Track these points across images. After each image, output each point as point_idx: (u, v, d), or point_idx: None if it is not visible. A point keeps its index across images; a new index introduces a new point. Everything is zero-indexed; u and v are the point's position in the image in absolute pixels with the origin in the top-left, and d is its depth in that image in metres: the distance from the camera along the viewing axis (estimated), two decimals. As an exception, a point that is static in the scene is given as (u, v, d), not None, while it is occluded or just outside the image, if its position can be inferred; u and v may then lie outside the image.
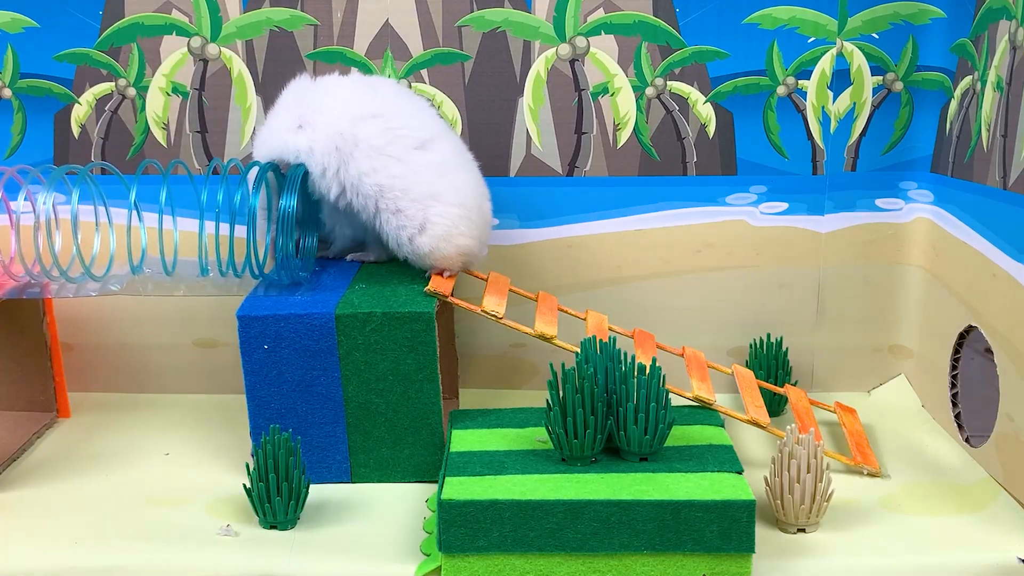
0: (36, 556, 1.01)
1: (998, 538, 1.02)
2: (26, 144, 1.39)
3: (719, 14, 1.31)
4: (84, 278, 1.20)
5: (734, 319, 1.41)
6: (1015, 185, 1.10)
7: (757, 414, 1.19)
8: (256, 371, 1.13)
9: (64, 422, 1.36)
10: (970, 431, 1.24)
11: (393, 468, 1.16)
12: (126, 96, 1.37)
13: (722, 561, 0.96)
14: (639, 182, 1.36)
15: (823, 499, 1.03)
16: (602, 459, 1.04)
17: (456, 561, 0.97)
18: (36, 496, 1.14)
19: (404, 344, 1.12)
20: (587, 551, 0.96)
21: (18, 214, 1.17)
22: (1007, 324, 1.11)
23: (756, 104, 1.34)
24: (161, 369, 1.44)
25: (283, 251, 1.17)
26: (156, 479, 1.19)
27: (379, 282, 1.21)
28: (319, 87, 1.23)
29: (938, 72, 1.32)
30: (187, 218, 1.24)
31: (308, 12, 1.34)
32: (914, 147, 1.36)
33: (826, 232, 1.38)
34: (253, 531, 1.05)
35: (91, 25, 1.35)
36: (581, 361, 1.02)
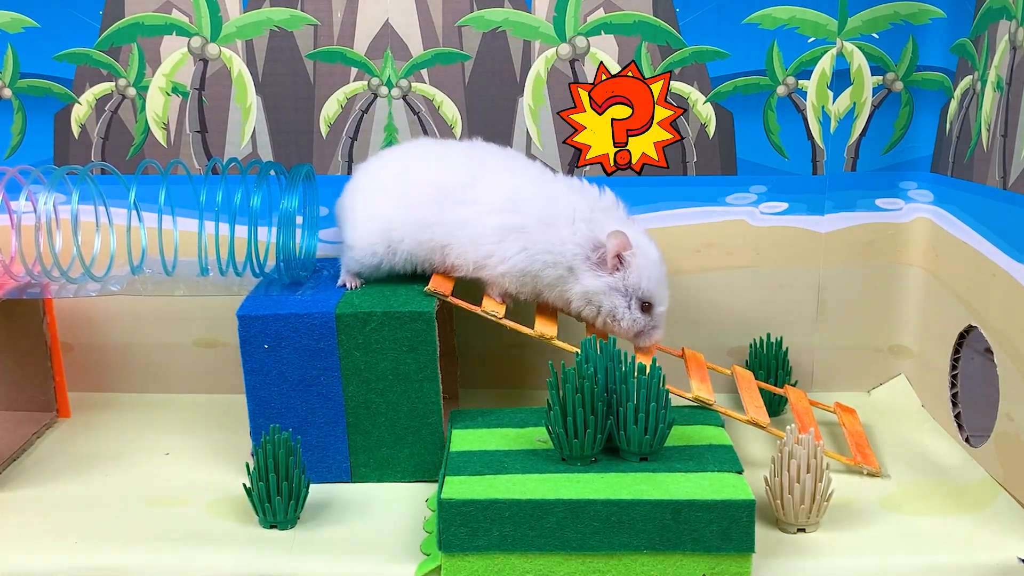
0: (36, 556, 1.01)
1: (998, 538, 1.02)
2: (26, 144, 1.39)
3: (719, 14, 1.31)
4: (84, 278, 1.20)
5: (734, 319, 1.41)
6: (1015, 185, 1.10)
7: (757, 414, 1.19)
8: (256, 371, 1.13)
9: (64, 422, 1.36)
10: (970, 431, 1.24)
11: (393, 468, 1.16)
12: (126, 96, 1.37)
13: (722, 561, 0.96)
14: (639, 182, 1.36)
15: (823, 499, 1.03)
16: (602, 459, 1.04)
17: (456, 560, 0.97)
18: (36, 496, 1.14)
19: (404, 344, 1.12)
20: (587, 551, 0.96)
21: (19, 214, 1.17)
22: (1007, 324, 1.11)
23: (756, 104, 1.34)
24: (161, 369, 1.44)
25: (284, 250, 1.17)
26: (156, 479, 1.19)
27: (379, 282, 1.21)
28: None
29: (938, 72, 1.32)
30: (187, 218, 1.24)
31: (308, 12, 1.34)
32: (914, 147, 1.36)
33: (826, 232, 1.38)
34: (253, 531, 1.05)
35: (91, 25, 1.35)
36: (581, 361, 1.02)
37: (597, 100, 1.15)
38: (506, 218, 1.15)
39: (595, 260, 1.15)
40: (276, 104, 1.36)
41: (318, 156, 1.37)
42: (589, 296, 1.15)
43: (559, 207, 1.15)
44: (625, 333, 1.18)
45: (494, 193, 1.16)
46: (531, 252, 1.15)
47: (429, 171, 1.19)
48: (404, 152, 1.26)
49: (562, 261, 1.15)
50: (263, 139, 1.37)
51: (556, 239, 1.14)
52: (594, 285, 1.15)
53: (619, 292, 1.15)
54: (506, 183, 1.17)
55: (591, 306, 1.16)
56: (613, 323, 1.17)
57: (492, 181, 1.17)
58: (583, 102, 1.14)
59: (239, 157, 1.37)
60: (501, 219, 1.15)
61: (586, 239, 1.14)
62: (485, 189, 1.17)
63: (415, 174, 1.20)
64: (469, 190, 1.17)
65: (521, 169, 1.20)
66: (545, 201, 1.16)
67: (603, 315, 1.16)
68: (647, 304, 1.16)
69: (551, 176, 1.21)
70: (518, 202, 1.15)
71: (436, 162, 1.21)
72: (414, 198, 1.18)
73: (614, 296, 1.15)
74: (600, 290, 1.15)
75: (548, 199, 1.16)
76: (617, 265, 1.14)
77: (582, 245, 1.14)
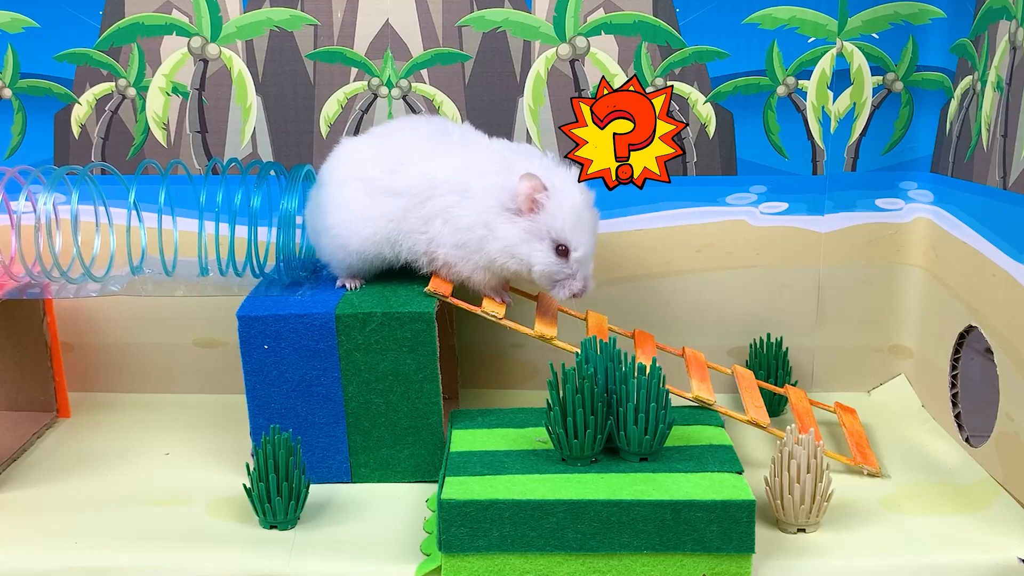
0: (36, 556, 1.01)
1: (998, 538, 1.02)
2: (26, 144, 1.39)
3: (719, 14, 1.31)
4: (84, 278, 1.20)
5: (734, 319, 1.41)
6: (1015, 185, 1.10)
7: (757, 414, 1.19)
8: (256, 371, 1.13)
9: (64, 422, 1.36)
10: (970, 431, 1.24)
11: (393, 468, 1.16)
12: (126, 96, 1.37)
13: (722, 561, 0.96)
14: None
15: (823, 499, 1.03)
16: (602, 459, 1.04)
17: (456, 561, 0.97)
18: (36, 496, 1.14)
19: (404, 344, 1.12)
20: (587, 551, 0.96)
21: (19, 214, 1.17)
22: (1007, 324, 1.11)
23: (756, 104, 1.34)
24: (161, 369, 1.44)
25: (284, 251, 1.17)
26: (156, 479, 1.19)
27: (379, 282, 1.21)
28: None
29: (938, 72, 1.32)
30: (187, 218, 1.24)
31: (308, 12, 1.34)
32: (914, 147, 1.36)
33: (826, 232, 1.38)
34: (253, 531, 1.05)
35: (91, 25, 1.35)
36: (581, 361, 1.02)
37: (599, 114, 1.15)
38: (432, 204, 1.13)
39: (511, 211, 1.10)
40: (276, 104, 1.36)
41: (318, 156, 1.37)
42: (509, 248, 1.10)
43: (471, 172, 1.12)
44: (541, 281, 1.12)
45: (413, 179, 1.13)
46: (452, 224, 1.12)
47: (355, 165, 1.17)
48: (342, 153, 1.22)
49: (479, 220, 1.10)
50: (263, 139, 1.37)
51: (470, 202, 1.11)
52: (510, 233, 1.09)
53: (534, 236, 1.10)
54: (425, 165, 1.14)
55: (514, 259, 1.11)
56: (526, 268, 1.11)
57: (413, 165, 1.14)
58: (585, 116, 1.14)
59: (239, 157, 1.37)
60: (427, 207, 1.13)
61: (498, 189, 1.10)
62: (405, 176, 1.14)
63: (344, 173, 1.17)
64: (394, 178, 1.14)
65: (439, 144, 1.16)
66: (459, 170, 1.12)
67: (522, 262, 1.11)
68: (562, 247, 1.10)
69: (469, 139, 1.18)
70: (436, 183, 1.12)
71: (361, 154, 1.18)
72: (347, 196, 1.16)
73: (532, 242, 1.10)
74: (517, 237, 1.10)
75: (461, 167, 1.13)
76: (533, 208, 1.10)
77: (495, 197, 1.10)
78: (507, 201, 1.10)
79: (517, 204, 1.10)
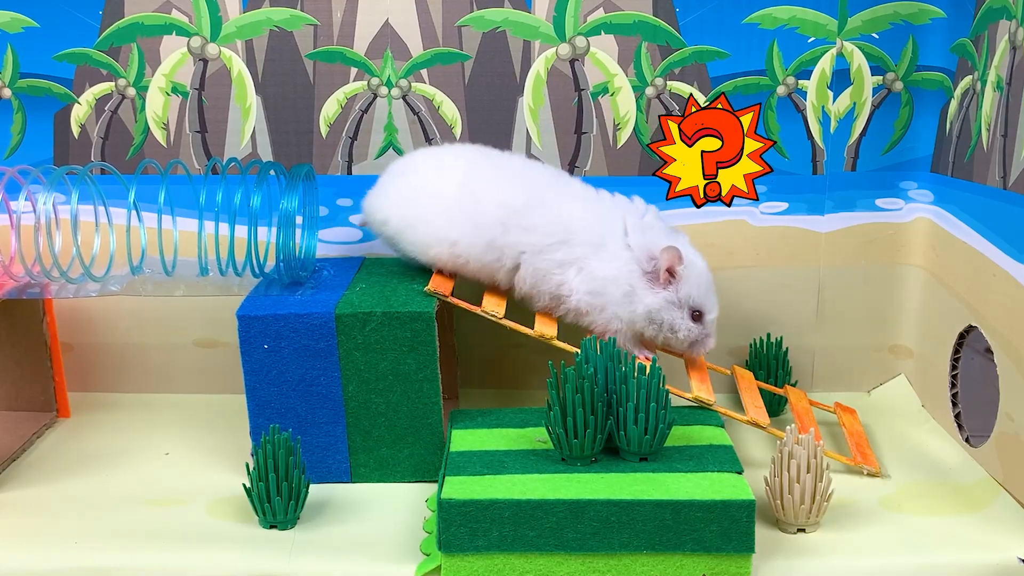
0: (36, 556, 1.01)
1: (998, 538, 1.02)
2: (26, 144, 1.39)
3: (719, 14, 1.31)
4: (84, 278, 1.20)
5: (734, 319, 1.40)
6: (1015, 185, 1.10)
7: (757, 415, 1.19)
8: (256, 371, 1.13)
9: (64, 422, 1.36)
10: (970, 431, 1.24)
11: (393, 468, 1.16)
12: (126, 96, 1.37)
13: (722, 561, 0.96)
14: (639, 182, 1.36)
15: (823, 499, 1.03)
16: (602, 459, 1.04)
17: (456, 561, 0.97)
18: (36, 496, 1.14)
19: (404, 344, 1.12)
20: (587, 551, 0.96)
21: (18, 214, 1.17)
22: (1007, 324, 1.11)
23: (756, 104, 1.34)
24: (161, 369, 1.44)
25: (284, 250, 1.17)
26: (156, 479, 1.19)
27: (379, 282, 1.21)
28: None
29: (938, 72, 1.32)
30: (187, 218, 1.24)
31: (308, 12, 1.34)
32: (914, 147, 1.36)
33: (826, 232, 1.38)
34: (253, 531, 1.05)
35: (91, 25, 1.35)
36: (581, 361, 1.02)
37: (687, 132, 1.16)
38: (568, 249, 1.17)
39: (649, 274, 1.16)
40: (276, 104, 1.36)
41: (318, 156, 1.37)
42: (651, 315, 1.17)
43: (607, 227, 1.18)
44: (681, 344, 1.20)
45: (551, 219, 1.18)
46: (588, 271, 1.17)
47: (492, 189, 1.20)
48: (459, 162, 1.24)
49: (621, 277, 1.17)
50: (263, 139, 1.37)
51: (610, 255, 1.17)
52: (655, 302, 1.16)
53: (674, 305, 1.17)
54: (561, 207, 1.19)
55: (653, 324, 1.18)
56: (672, 336, 1.18)
57: (550, 205, 1.19)
58: (672, 134, 1.15)
59: (239, 157, 1.37)
60: (563, 252, 1.18)
61: (641, 251, 1.16)
62: (542, 214, 1.18)
63: (479, 191, 1.20)
64: (530, 215, 1.18)
65: (567, 189, 1.22)
66: (596, 222, 1.18)
67: (664, 330, 1.18)
68: (698, 313, 1.18)
69: (594, 192, 1.23)
70: (574, 230, 1.18)
71: (497, 179, 1.21)
72: (480, 219, 1.19)
73: (672, 310, 1.17)
74: (660, 306, 1.17)
75: (597, 219, 1.18)
76: (669, 279, 1.16)
77: (637, 260, 1.16)
78: (645, 264, 1.16)
79: (654, 269, 1.17)
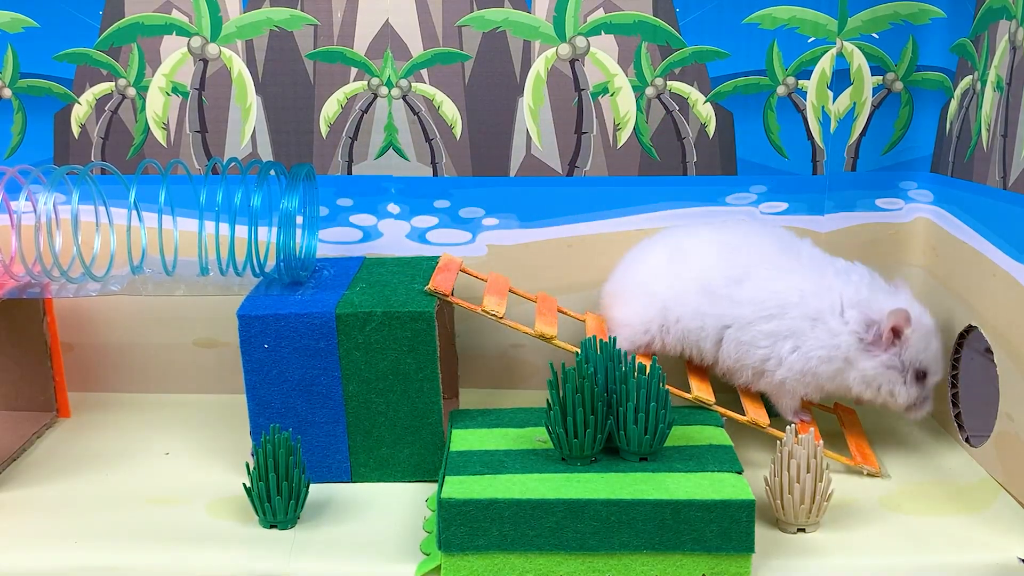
0: (36, 556, 1.01)
1: (998, 538, 1.02)
2: (26, 144, 1.39)
3: (719, 14, 1.31)
4: (84, 278, 1.20)
5: (734, 319, 1.40)
6: (1015, 185, 1.10)
7: (757, 415, 1.19)
8: (256, 371, 1.13)
9: (64, 422, 1.36)
10: (970, 431, 1.24)
11: (393, 468, 1.16)
12: (126, 96, 1.37)
13: (722, 561, 0.96)
14: (639, 182, 1.36)
15: (823, 499, 1.03)
16: (602, 459, 1.04)
17: (456, 560, 0.97)
18: (36, 496, 1.14)
19: (404, 344, 1.12)
20: (587, 550, 0.96)
21: (19, 214, 1.17)
22: (1007, 324, 1.11)
23: (756, 104, 1.34)
24: (161, 369, 1.44)
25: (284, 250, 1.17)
26: (156, 479, 1.19)
27: (379, 282, 1.21)
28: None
29: (938, 72, 1.32)
30: (187, 218, 1.24)
31: (308, 12, 1.34)
32: (914, 147, 1.35)
33: (826, 232, 1.38)
34: (253, 530, 1.05)
35: (91, 25, 1.35)
36: (581, 361, 1.02)
37: None
38: (778, 323, 1.16)
39: (869, 341, 1.14)
40: (276, 104, 1.36)
41: (318, 156, 1.37)
42: (867, 380, 1.15)
43: (825, 301, 1.16)
44: (899, 408, 1.18)
45: (763, 294, 1.17)
46: (804, 351, 1.15)
47: (703, 258, 1.21)
48: (678, 233, 1.27)
49: (837, 354, 1.15)
50: (263, 139, 1.37)
51: (826, 333, 1.15)
52: (872, 368, 1.15)
53: (895, 368, 1.15)
54: (775, 283, 1.17)
55: (870, 389, 1.16)
56: (890, 399, 1.17)
57: (762, 280, 1.18)
58: None
59: (239, 157, 1.37)
60: (773, 324, 1.16)
61: (859, 324, 1.14)
62: (754, 289, 1.17)
63: (691, 259, 1.21)
64: (741, 288, 1.18)
65: (788, 261, 1.20)
66: (813, 295, 1.16)
67: (882, 394, 1.16)
68: (922, 373, 1.16)
69: (816, 260, 1.21)
70: (787, 305, 1.16)
71: (709, 249, 1.22)
72: (688, 285, 1.20)
73: (891, 373, 1.15)
74: (878, 371, 1.15)
75: (814, 293, 1.16)
76: (892, 341, 1.14)
77: (855, 331, 1.14)
78: (863, 333, 1.14)
79: (875, 335, 1.14)
